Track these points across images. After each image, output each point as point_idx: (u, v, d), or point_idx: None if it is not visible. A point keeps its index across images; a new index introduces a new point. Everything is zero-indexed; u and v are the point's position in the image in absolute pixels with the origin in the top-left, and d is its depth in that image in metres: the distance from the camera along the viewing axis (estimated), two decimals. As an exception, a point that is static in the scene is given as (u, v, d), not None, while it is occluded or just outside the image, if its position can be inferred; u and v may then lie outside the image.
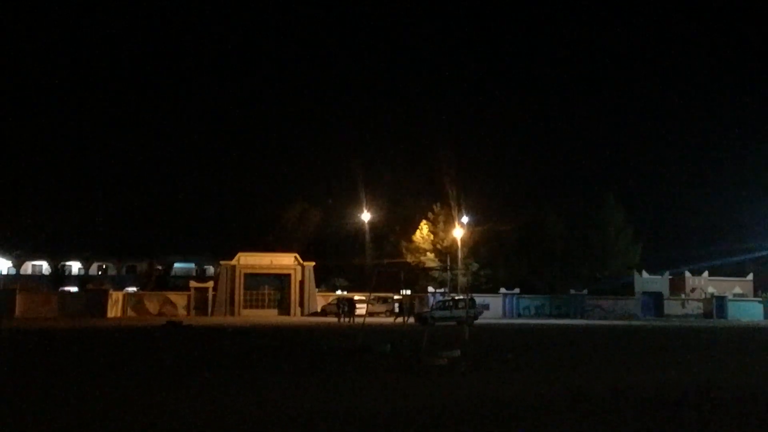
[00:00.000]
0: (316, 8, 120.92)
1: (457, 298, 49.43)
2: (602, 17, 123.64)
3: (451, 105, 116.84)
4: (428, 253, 68.41)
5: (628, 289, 66.47)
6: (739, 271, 71.27)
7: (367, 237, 67.71)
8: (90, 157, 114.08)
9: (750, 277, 69.52)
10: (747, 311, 63.12)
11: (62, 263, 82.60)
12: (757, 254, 69.80)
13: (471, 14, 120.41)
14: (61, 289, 67.69)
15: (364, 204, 66.26)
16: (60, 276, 78.86)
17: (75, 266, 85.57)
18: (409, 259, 68.92)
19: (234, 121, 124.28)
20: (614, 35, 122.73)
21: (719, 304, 63.65)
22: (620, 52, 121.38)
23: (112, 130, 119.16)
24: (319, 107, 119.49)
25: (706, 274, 69.69)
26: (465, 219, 64.88)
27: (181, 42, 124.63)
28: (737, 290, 68.03)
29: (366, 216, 65.58)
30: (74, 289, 68.24)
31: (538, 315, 61.29)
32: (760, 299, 65.23)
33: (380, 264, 62.77)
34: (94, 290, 57.77)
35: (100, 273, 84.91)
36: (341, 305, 49.22)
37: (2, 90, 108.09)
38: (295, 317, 56.30)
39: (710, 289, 67.10)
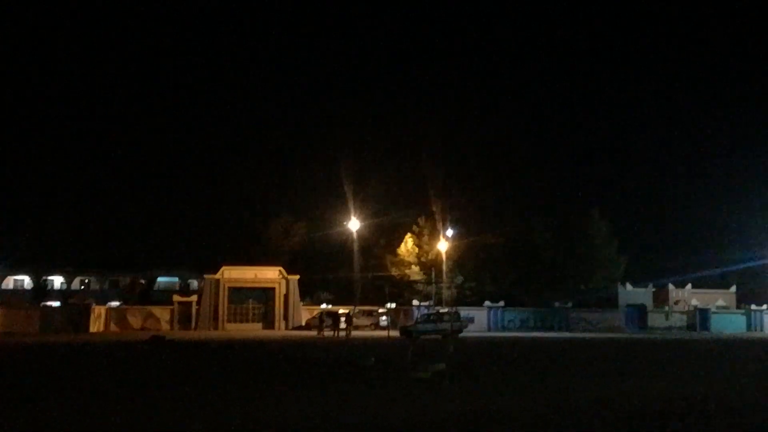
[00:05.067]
0: (299, 20, 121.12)
1: (441, 311, 49.30)
2: (586, 30, 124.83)
3: (436, 117, 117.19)
4: (413, 266, 68.30)
5: (612, 302, 66.53)
6: (722, 283, 71.49)
7: (355, 246, 67.24)
8: (72, 171, 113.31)
9: (733, 289, 69.78)
10: (730, 323, 63.34)
11: (44, 277, 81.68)
12: (740, 266, 70.00)
13: (456, 26, 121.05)
14: (43, 303, 66.82)
15: (352, 213, 65.68)
16: (42, 290, 77.91)
17: (57, 280, 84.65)
18: (394, 272, 68.75)
19: (218, 134, 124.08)
20: (598, 49, 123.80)
21: (703, 316, 63.78)
22: (603, 67, 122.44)
23: (95, 144, 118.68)
24: (303, 120, 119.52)
25: (689, 286, 69.88)
26: (450, 232, 64.86)
27: (165, 56, 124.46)
28: (720, 302, 68.18)
29: (354, 224, 64.82)
30: (56, 303, 67.41)
31: (522, 328, 61.12)
32: (742, 311, 65.47)
33: (365, 277, 62.52)
34: (76, 305, 56.98)
35: (82, 287, 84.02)
36: (322, 319, 48.84)
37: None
38: (280, 331, 55.94)
39: (694, 302, 67.26)
